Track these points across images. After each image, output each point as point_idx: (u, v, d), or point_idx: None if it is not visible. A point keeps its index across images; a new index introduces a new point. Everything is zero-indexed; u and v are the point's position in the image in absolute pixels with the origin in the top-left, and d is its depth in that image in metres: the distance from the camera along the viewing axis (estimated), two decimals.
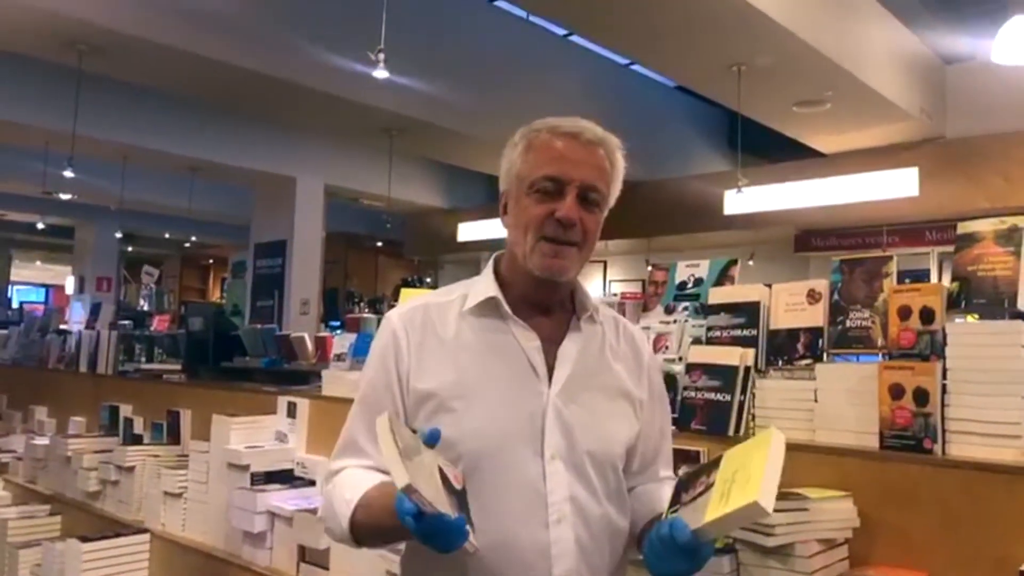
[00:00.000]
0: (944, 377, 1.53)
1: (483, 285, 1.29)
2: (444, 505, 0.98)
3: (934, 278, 6.93)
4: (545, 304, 1.30)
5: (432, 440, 1.06)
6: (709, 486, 1.10)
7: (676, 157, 8.86)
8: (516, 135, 1.29)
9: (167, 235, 13.73)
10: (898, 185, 6.83)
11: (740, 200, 7.25)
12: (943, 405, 1.52)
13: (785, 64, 5.52)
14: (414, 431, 1.08)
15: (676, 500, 1.16)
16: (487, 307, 1.27)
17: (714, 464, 1.15)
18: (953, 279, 1.69)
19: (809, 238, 8.23)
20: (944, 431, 1.51)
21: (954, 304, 1.65)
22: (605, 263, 10.93)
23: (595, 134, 1.25)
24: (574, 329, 1.30)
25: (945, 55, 7.01)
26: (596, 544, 1.23)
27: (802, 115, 6.54)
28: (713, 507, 1.05)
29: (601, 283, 10.82)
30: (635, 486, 1.37)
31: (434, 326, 1.28)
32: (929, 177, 6.72)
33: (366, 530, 1.17)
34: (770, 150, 7.88)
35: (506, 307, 1.26)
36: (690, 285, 2.24)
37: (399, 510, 0.96)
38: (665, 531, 1.07)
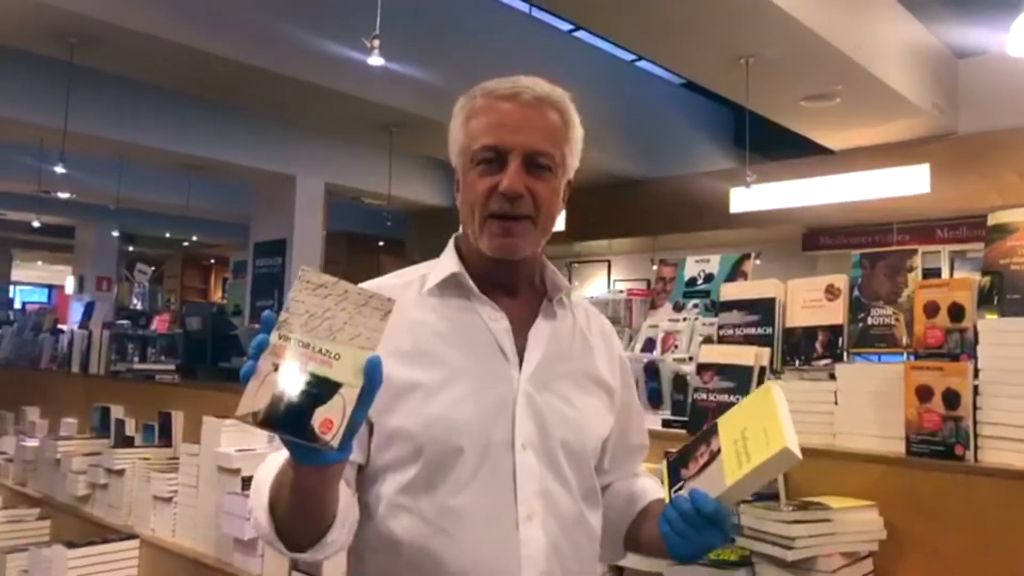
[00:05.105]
0: (976, 378, 1.44)
1: (444, 263, 1.18)
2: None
3: (945, 275, 6.82)
4: (510, 284, 1.18)
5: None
6: (714, 454, 1.05)
7: (681, 155, 8.76)
8: (456, 105, 1.18)
9: (167, 234, 13.66)
10: (909, 182, 6.74)
11: (747, 198, 7.14)
12: (975, 408, 1.43)
13: (794, 57, 5.42)
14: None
15: (676, 479, 1.09)
16: (449, 285, 1.16)
17: (709, 433, 1.09)
18: (984, 273, 1.59)
19: (817, 236, 8.13)
20: (976, 436, 1.42)
21: (985, 300, 1.55)
22: (609, 262, 10.80)
23: (535, 92, 1.13)
24: (545, 311, 1.19)
25: (957, 49, 6.90)
26: (571, 545, 1.10)
27: (811, 110, 6.44)
28: (732, 469, 1.02)
29: (605, 282, 10.69)
30: (611, 483, 1.28)
31: None
32: (941, 173, 6.62)
33: (281, 504, 0.98)
34: (776, 148, 7.78)
35: (471, 283, 1.15)
36: (700, 281, 2.15)
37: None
38: (686, 506, 1.01)
